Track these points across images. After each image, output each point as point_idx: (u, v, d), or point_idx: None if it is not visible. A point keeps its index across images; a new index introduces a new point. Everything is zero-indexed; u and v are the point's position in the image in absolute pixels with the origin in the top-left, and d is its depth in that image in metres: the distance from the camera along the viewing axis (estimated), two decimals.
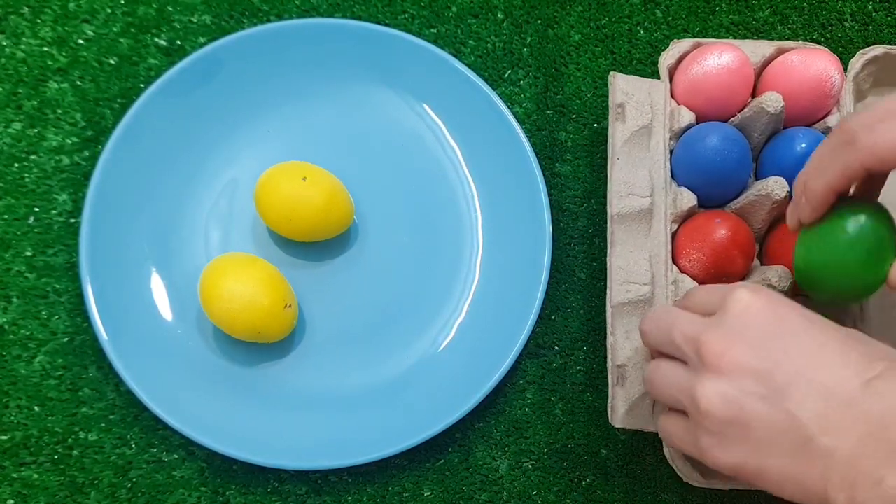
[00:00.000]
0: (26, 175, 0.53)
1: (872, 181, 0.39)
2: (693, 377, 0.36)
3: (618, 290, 0.48)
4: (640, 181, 0.49)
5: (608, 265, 0.48)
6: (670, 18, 0.58)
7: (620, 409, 0.47)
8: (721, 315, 0.36)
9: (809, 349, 0.34)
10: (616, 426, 0.47)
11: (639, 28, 0.58)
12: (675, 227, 0.49)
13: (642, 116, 0.50)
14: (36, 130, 0.54)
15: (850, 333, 0.35)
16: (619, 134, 0.50)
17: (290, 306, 0.49)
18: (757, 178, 0.49)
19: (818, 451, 0.33)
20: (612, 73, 0.51)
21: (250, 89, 0.54)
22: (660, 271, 0.48)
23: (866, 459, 0.32)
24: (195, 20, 0.56)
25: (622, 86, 0.50)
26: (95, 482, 0.50)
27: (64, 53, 0.55)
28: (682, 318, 0.38)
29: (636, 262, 0.48)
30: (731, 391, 0.34)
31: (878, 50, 0.51)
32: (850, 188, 0.38)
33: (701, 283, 0.48)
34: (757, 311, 0.35)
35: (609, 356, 0.47)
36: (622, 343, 0.47)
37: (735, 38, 0.57)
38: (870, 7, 0.59)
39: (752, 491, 0.49)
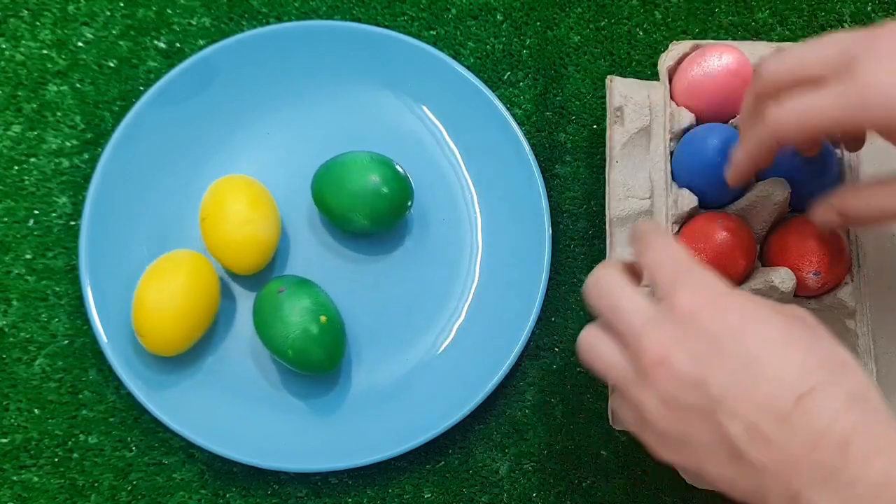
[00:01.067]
0: (26, 178, 0.53)
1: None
2: (634, 375, 0.35)
3: None
4: (639, 183, 0.49)
5: None
6: (669, 20, 0.58)
7: None
8: (666, 309, 0.35)
9: (747, 355, 0.33)
10: (617, 429, 0.47)
11: (638, 29, 0.58)
12: (676, 228, 0.49)
13: (641, 119, 0.50)
14: (35, 133, 0.54)
15: (791, 328, 0.34)
16: (617, 137, 0.50)
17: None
18: (758, 180, 0.49)
19: (750, 464, 0.32)
20: (609, 76, 0.51)
21: (250, 92, 0.54)
22: None
23: (799, 479, 0.31)
24: (195, 23, 0.56)
25: (620, 89, 0.50)
26: (96, 485, 0.50)
27: (63, 56, 0.55)
28: (627, 300, 0.36)
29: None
30: (670, 400, 0.34)
31: None
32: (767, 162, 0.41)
33: None
34: (702, 309, 0.34)
35: None
36: None
37: (734, 39, 0.57)
38: (869, 8, 0.59)
39: None
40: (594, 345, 0.37)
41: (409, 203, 0.51)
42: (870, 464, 0.30)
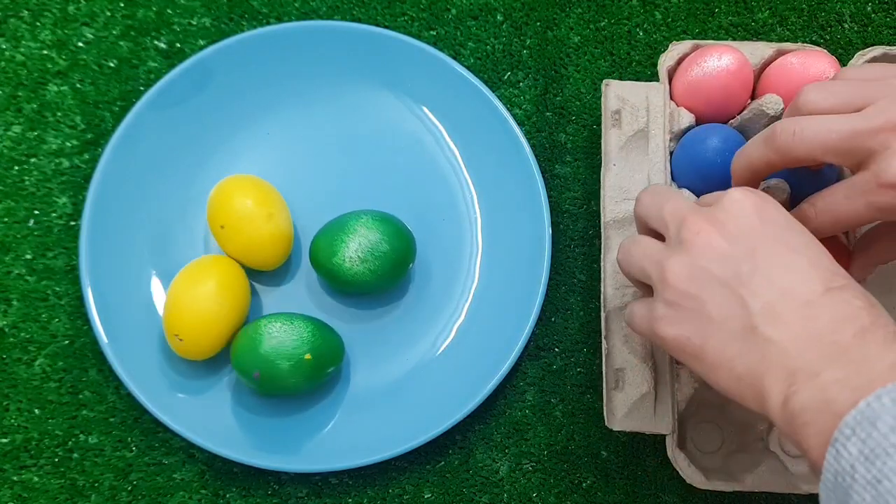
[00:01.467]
0: (26, 178, 0.53)
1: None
2: (667, 250, 0.38)
3: (613, 295, 0.48)
4: (636, 185, 0.49)
5: (602, 270, 0.49)
6: (669, 20, 0.58)
7: (619, 413, 0.47)
8: (713, 207, 0.38)
9: (782, 252, 0.36)
10: (615, 430, 0.47)
11: (638, 30, 0.58)
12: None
13: (638, 121, 0.50)
14: (36, 133, 0.54)
15: (825, 251, 0.37)
16: (613, 140, 0.50)
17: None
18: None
19: (760, 340, 0.34)
20: (605, 81, 0.51)
21: (250, 92, 0.54)
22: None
23: (807, 356, 0.33)
24: (195, 23, 0.56)
25: (616, 92, 0.50)
26: (96, 485, 0.50)
27: (64, 56, 0.55)
28: (679, 199, 0.40)
29: None
30: (697, 268, 0.36)
31: (878, 51, 0.51)
32: (769, 173, 0.42)
33: None
34: (746, 208, 0.37)
35: (604, 360, 0.47)
36: (619, 347, 0.47)
37: (734, 39, 0.57)
38: (869, 8, 0.59)
39: (754, 494, 0.49)
40: (636, 241, 0.40)
41: (411, 262, 0.51)
42: (887, 347, 0.33)
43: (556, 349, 0.53)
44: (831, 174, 0.48)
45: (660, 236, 0.40)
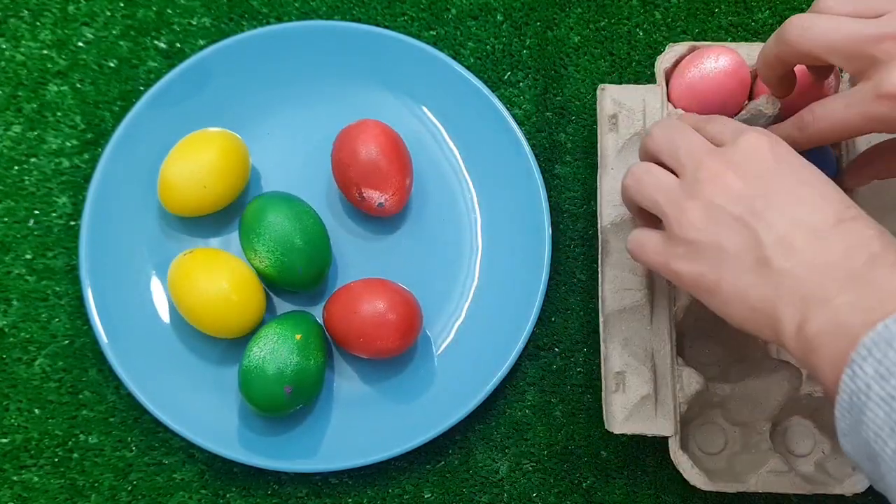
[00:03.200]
0: (26, 178, 0.53)
1: (819, 72, 0.45)
2: (684, 190, 0.39)
3: (612, 299, 0.48)
4: None
5: (600, 273, 0.48)
6: (669, 20, 0.58)
7: (619, 416, 0.46)
8: (729, 147, 0.39)
9: (795, 188, 0.37)
10: (615, 433, 0.46)
11: (638, 30, 0.58)
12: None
13: (634, 124, 0.50)
14: (36, 133, 0.54)
15: (836, 186, 0.37)
16: (611, 144, 0.50)
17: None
18: None
19: (773, 271, 0.35)
20: (600, 85, 0.51)
21: (249, 92, 0.54)
22: (658, 276, 0.48)
23: (820, 283, 0.34)
24: (195, 23, 0.56)
25: (613, 96, 0.50)
26: (96, 485, 0.50)
27: (64, 56, 0.55)
28: (693, 136, 0.40)
29: (631, 269, 0.48)
30: (714, 207, 0.37)
31: None
32: (783, 69, 0.43)
33: None
34: (761, 150, 0.38)
35: (603, 364, 0.47)
36: (619, 350, 0.47)
37: (734, 39, 0.57)
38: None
39: (755, 495, 0.49)
40: (649, 170, 0.41)
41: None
42: (892, 269, 0.34)
43: (556, 349, 0.53)
44: (832, 168, 0.48)
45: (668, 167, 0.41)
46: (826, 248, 0.35)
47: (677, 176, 0.40)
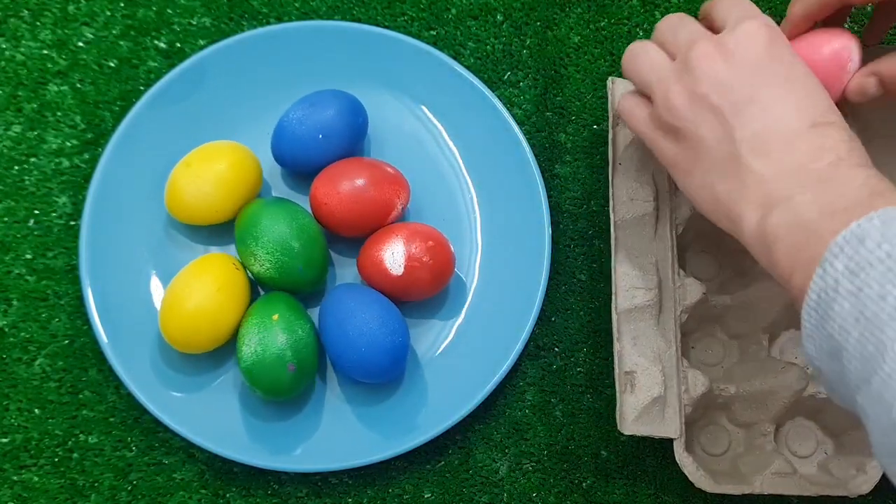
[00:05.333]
0: (26, 178, 0.53)
1: (843, 11, 0.45)
2: (674, 71, 0.40)
3: (623, 297, 0.47)
4: (642, 184, 0.49)
5: (613, 271, 0.48)
6: None
7: (630, 416, 0.46)
8: (727, 32, 0.40)
9: (779, 85, 0.38)
10: (626, 433, 0.46)
11: (638, 30, 0.58)
12: (680, 229, 0.49)
13: None
14: (36, 133, 0.54)
15: (823, 90, 0.38)
16: (620, 139, 0.50)
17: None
18: None
19: (742, 168, 0.37)
20: (610, 78, 0.51)
21: (250, 92, 0.54)
22: (667, 275, 0.48)
23: (784, 183, 0.36)
24: (195, 23, 0.56)
25: (622, 90, 0.50)
26: (96, 485, 0.50)
27: (64, 56, 0.55)
28: (695, 26, 0.42)
29: (642, 267, 0.48)
30: (698, 95, 0.39)
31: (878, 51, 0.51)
32: (823, 16, 0.43)
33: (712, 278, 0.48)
34: (756, 41, 0.39)
35: (616, 363, 0.47)
36: (629, 349, 0.47)
37: None
38: (869, 8, 0.59)
39: (756, 497, 0.49)
40: (645, 48, 0.43)
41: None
42: (855, 171, 0.35)
43: (556, 349, 0.53)
44: None
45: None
46: (794, 150, 0.36)
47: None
